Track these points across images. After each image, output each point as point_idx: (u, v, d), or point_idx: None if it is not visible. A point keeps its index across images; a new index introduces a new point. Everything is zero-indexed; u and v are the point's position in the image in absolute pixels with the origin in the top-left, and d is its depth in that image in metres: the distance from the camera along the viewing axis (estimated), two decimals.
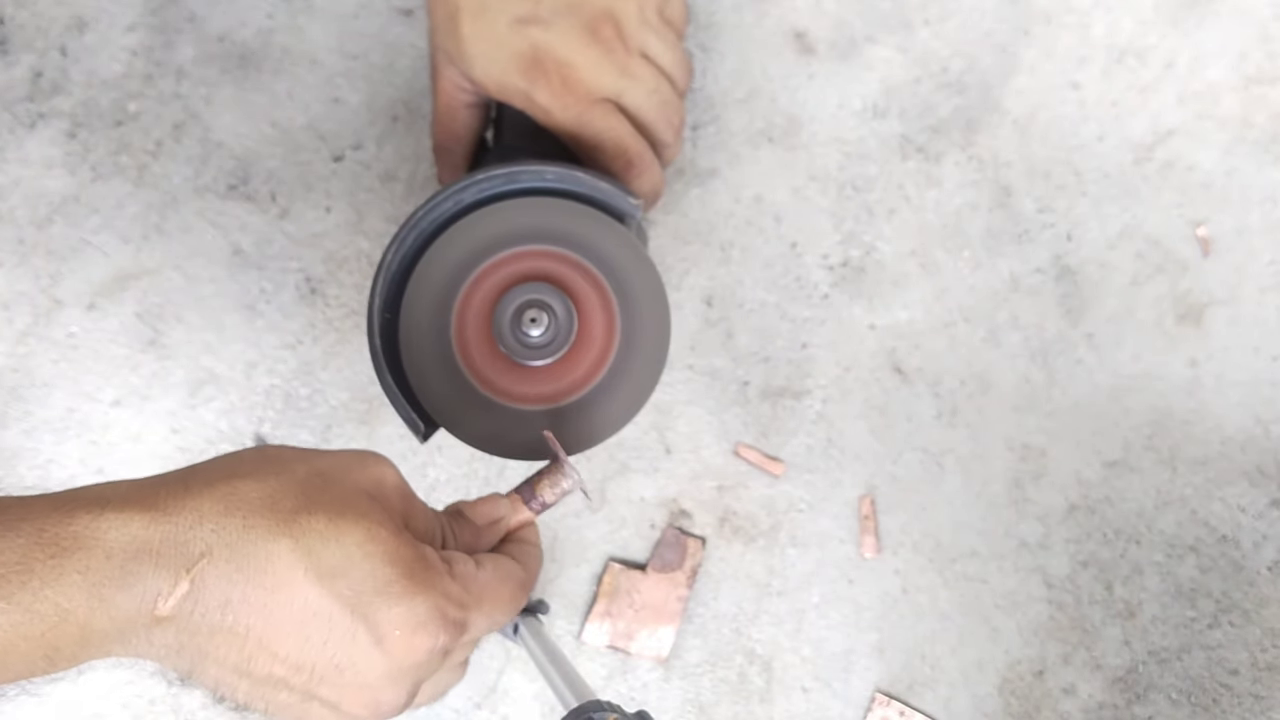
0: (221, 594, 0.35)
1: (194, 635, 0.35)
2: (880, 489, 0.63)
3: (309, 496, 0.37)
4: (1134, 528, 0.62)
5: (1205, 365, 0.63)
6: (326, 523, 0.36)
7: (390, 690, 0.38)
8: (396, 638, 0.37)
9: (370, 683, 0.37)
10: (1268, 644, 0.61)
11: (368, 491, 0.39)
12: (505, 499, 0.46)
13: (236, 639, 0.35)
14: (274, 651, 0.36)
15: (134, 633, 0.35)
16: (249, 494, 0.36)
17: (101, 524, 0.34)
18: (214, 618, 0.35)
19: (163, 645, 0.35)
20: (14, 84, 0.66)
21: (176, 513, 0.35)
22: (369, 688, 0.37)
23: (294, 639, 0.36)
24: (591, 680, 0.62)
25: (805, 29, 0.65)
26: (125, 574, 0.34)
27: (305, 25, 0.66)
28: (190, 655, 0.36)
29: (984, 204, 0.64)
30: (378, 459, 0.41)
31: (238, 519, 0.36)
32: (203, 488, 0.36)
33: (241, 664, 0.36)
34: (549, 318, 0.49)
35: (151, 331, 0.65)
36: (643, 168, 0.55)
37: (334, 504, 0.37)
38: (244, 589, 0.35)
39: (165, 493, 0.36)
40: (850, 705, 0.62)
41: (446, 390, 0.50)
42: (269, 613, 0.35)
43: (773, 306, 0.64)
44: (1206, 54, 0.65)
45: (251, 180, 0.65)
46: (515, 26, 0.53)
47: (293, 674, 0.36)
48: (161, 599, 0.34)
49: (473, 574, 0.40)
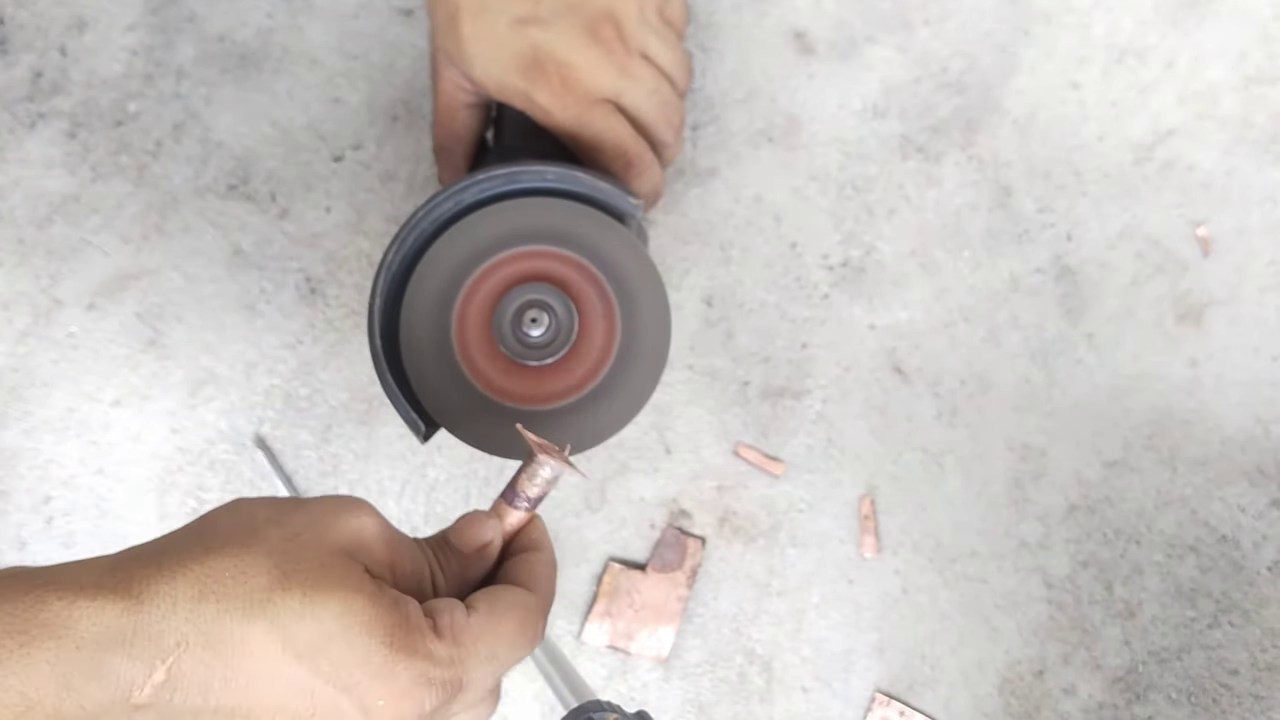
0: (200, 680, 0.34)
1: (178, 718, 0.34)
2: (880, 489, 0.63)
3: (283, 570, 0.36)
4: (1134, 528, 0.62)
5: (1205, 365, 0.63)
6: (301, 599, 0.35)
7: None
8: (381, 708, 0.36)
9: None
10: (1268, 644, 0.61)
11: (345, 549, 0.37)
12: (488, 515, 0.43)
13: (222, 718, 0.35)
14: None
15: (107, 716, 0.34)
16: (222, 573, 0.35)
17: (73, 612, 0.33)
18: (195, 701, 0.34)
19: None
20: (14, 84, 0.66)
21: (150, 600, 0.34)
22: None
23: (281, 715, 0.35)
24: (591, 680, 0.62)
25: (805, 29, 0.65)
26: (97, 664, 0.33)
27: (305, 25, 0.66)
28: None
29: (984, 204, 0.64)
30: (356, 506, 0.39)
31: (211, 604, 0.35)
32: (175, 568, 0.35)
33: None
34: (549, 318, 0.49)
35: (151, 331, 0.65)
36: (642, 168, 0.55)
37: (308, 576, 0.36)
38: (223, 674, 0.34)
39: (139, 576, 0.35)
40: (850, 705, 0.62)
41: (447, 390, 0.50)
42: (251, 692, 0.34)
43: (773, 306, 0.64)
44: (1206, 54, 0.65)
45: (251, 180, 0.65)
46: (515, 27, 0.53)
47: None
48: (136, 689, 0.33)
49: (463, 624, 0.38)
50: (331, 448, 0.64)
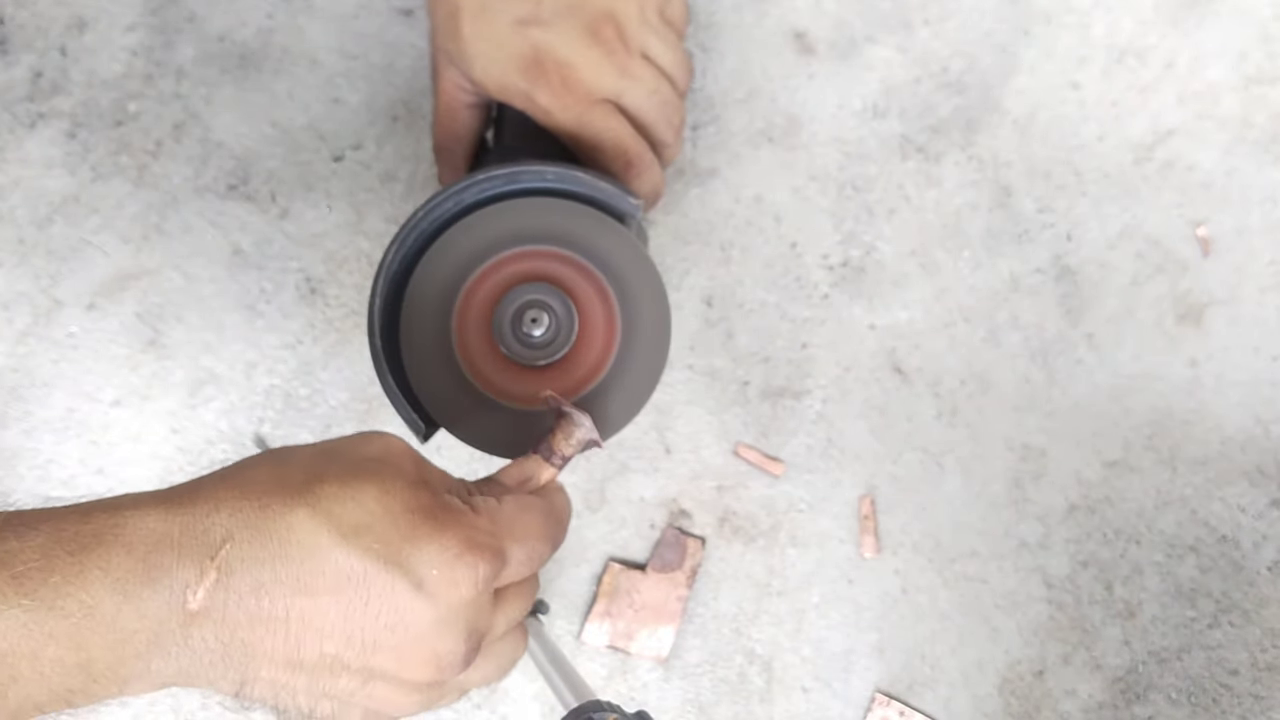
0: (252, 578, 0.34)
1: (234, 630, 0.34)
2: (880, 489, 0.63)
3: (318, 469, 0.37)
4: (1134, 528, 0.62)
5: (1205, 365, 0.63)
6: (339, 485, 0.36)
7: (446, 638, 0.37)
8: (435, 577, 0.36)
9: (423, 634, 0.36)
10: (1268, 644, 0.61)
11: (376, 457, 0.39)
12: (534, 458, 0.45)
13: (278, 624, 0.34)
14: (319, 627, 0.35)
15: (169, 635, 0.34)
16: (259, 477, 0.36)
17: (118, 519, 0.34)
18: (249, 605, 0.34)
19: (204, 650, 0.34)
20: (14, 84, 0.66)
21: (191, 504, 0.35)
22: (423, 641, 0.36)
23: (336, 608, 0.35)
24: (591, 680, 0.62)
25: (805, 29, 0.65)
26: (149, 567, 0.34)
27: (305, 25, 0.66)
28: (237, 657, 0.35)
29: (984, 204, 0.64)
30: (381, 433, 0.40)
31: (253, 500, 0.36)
32: (214, 481, 0.36)
33: (292, 653, 0.35)
34: (550, 318, 0.49)
35: (151, 331, 0.65)
36: (643, 168, 0.55)
37: (343, 470, 0.37)
38: (273, 567, 0.34)
39: (178, 490, 0.36)
40: (850, 705, 0.62)
41: (447, 390, 0.50)
42: (303, 586, 0.35)
43: (773, 306, 0.64)
44: (1206, 54, 0.65)
45: (251, 180, 0.65)
46: (516, 27, 0.53)
47: (345, 648, 0.35)
48: (190, 591, 0.34)
49: (495, 507, 0.39)
50: None
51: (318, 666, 0.35)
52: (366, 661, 0.36)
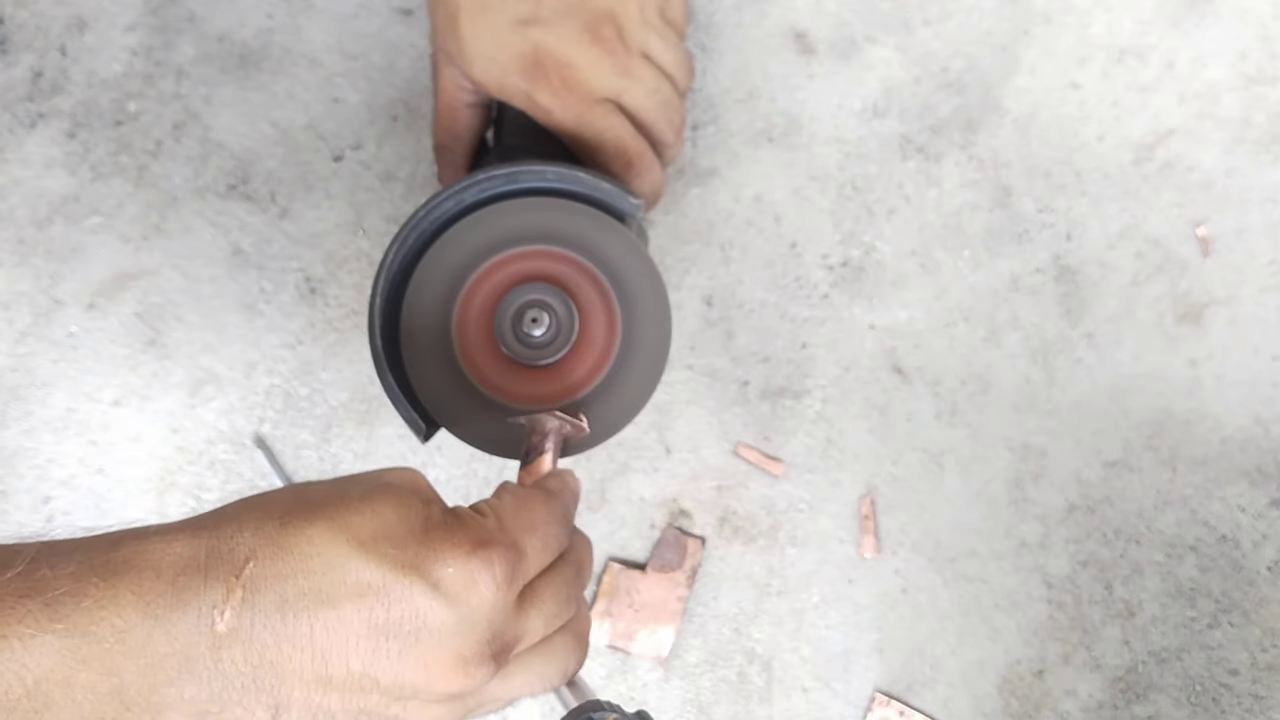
0: (276, 595, 0.35)
1: (263, 651, 0.34)
2: (880, 489, 0.63)
3: (338, 489, 0.38)
4: (1134, 528, 0.62)
5: (1205, 365, 0.63)
6: (358, 500, 0.37)
7: (470, 642, 0.37)
8: (451, 575, 0.36)
9: (446, 640, 0.36)
10: (1268, 644, 0.61)
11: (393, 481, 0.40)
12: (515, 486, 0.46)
13: (304, 640, 0.35)
14: (344, 639, 0.35)
15: (200, 659, 0.34)
16: (280, 498, 0.37)
17: (147, 546, 0.35)
18: (275, 623, 0.34)
19: (235, 673, 0.34)
20: (14, 84, 0.66)
21: (216, 527, 0.36)
22: (447, 645, 0.36)
23: (358, 617, 0.35)
24: (591, 680, 0.62)
25: (805, 29, 0.65)
26: (177, 590, 0.34)
27: (305, 25, 0.66)
28: (268, 679, 0.35)
29: (984, 204, 0.64)
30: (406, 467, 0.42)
31: (274, 519, 0.36)
32: (237, 506, 0.37)
33: (320, 670, 0.35)
34: (550, 318, 0.49)
35: (151, 331, 0.65)
36: (643, 167, 0.55)
37: (362, 489, 0.38)
38: (296, 582, 0.35)
39: (203, 517, 0.37)
40: (850, 705, 0.62)
41: (447, 390, 0.50)
42: (325, 598, 0.35)
43: (773, 306, 0.64)
44: (1206, 54, 0.65)
45: (251, 180, 0.65)
46: (516, 27, 0.53)
47: (371, 660, 0.35)
48: (218, 611, 0.34)
49: (498, 505, 0.40)
50: (331, 448, 0.64)
51: (348, 684, 0.36)
52: (395, 675, 0.36)
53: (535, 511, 0.41)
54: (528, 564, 0.39)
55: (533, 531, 0.40)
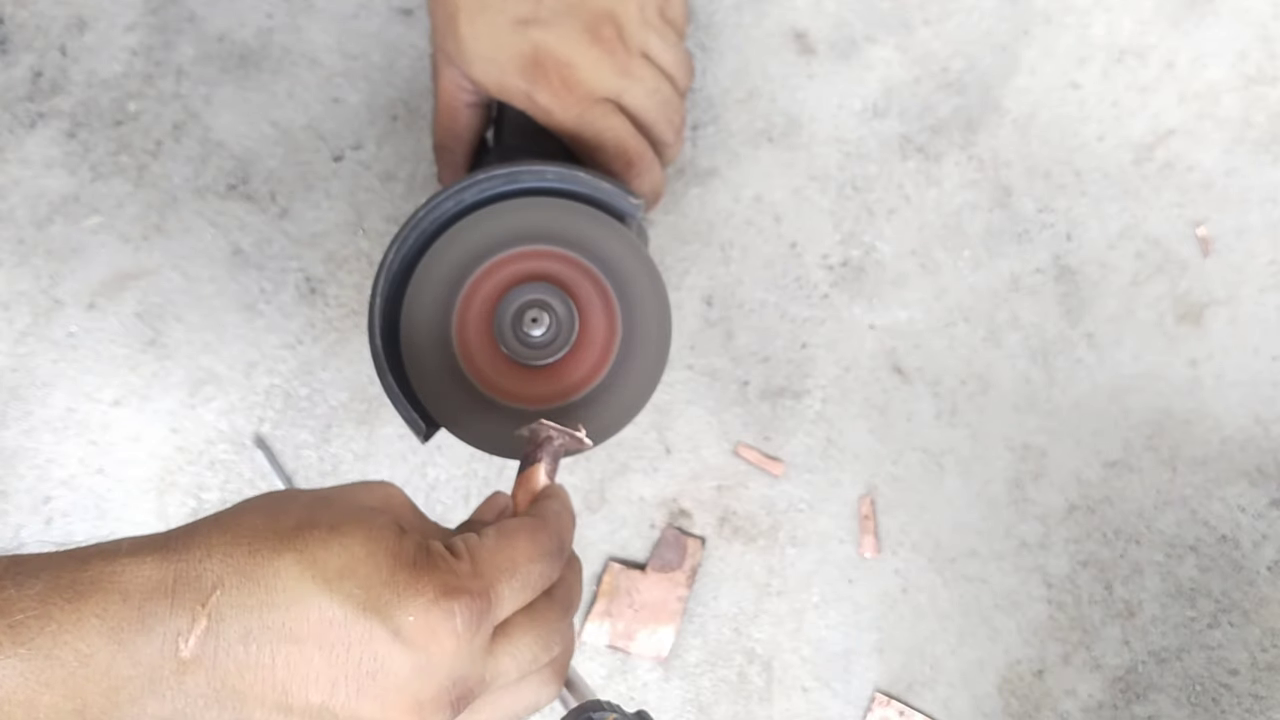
0: (240, 625, 0.35)
1: (225, 677, 0.35)
2: (880, 489, 0.63)
3: (310, 513, 0.37)
4: (1134, 528, 0.62)
5: (1205, 365, 0.63)
6: (327, 531, 0.37)
7: (428, 686, 0.36)
8: (412, 624, 0.36)
9: (404, 683, 0.36)
10: (1268, 644, 0.61)
11: (370, 506, 0.39)
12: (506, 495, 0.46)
13: (266, 671, 0.35)
14: (305, 674, 0.35)
15: (163, 682, 0.34)
16: (252, 522, 0.37)
17: (116, 568, 0.35)
18: (238, 653, 0.35)
19: (198, 695, 0.35)
20: (14, 84, 0.66)
21: (186, 550, 0.36)
22: (405, 690, 0.36)
23: (319, 653, 0.35)
24: (591, 680, 0.62)
25: (805, 29, 0.65)
26: (143, 615, 0.34)
27: (305, 25, 0.66)
28: (230, 703, 0.35)
29: (984, 204, 0.64)
30: (384, 483, 0.41)
31: (243, 546, 0.36)
32: (209, 526, 0.37)
33: (280, 699, 0.35)
34: (550, 318, 0.49)
35: (151, 331, 0.65)
36: (643, 167, 0.55)
37: (334, 517, 0.37)
38: (260, 615, 0.35)
39: (174, 536, 0.37)
40: (850, 705, 0.62)
41: (447, 390, 0.50)
42: (288, 633, 0.35)
43: (773, 306, 0.64)
44: (1206, 54, 0.65)
45: (251, 180, 0.65)
46: (515, 27, 0.53)
47: (330, 695, 0.36)
48: (182, 639, 0.34)
49: (476, 544, 0.39)
50: (331, 448, 0.64)
51: (306, 713, 0.36)
52: (353, 711, 0.36)
53: (518, 549, 0.40)
54: (499, 610, 0.38)
55: (512, 573, 0.39)
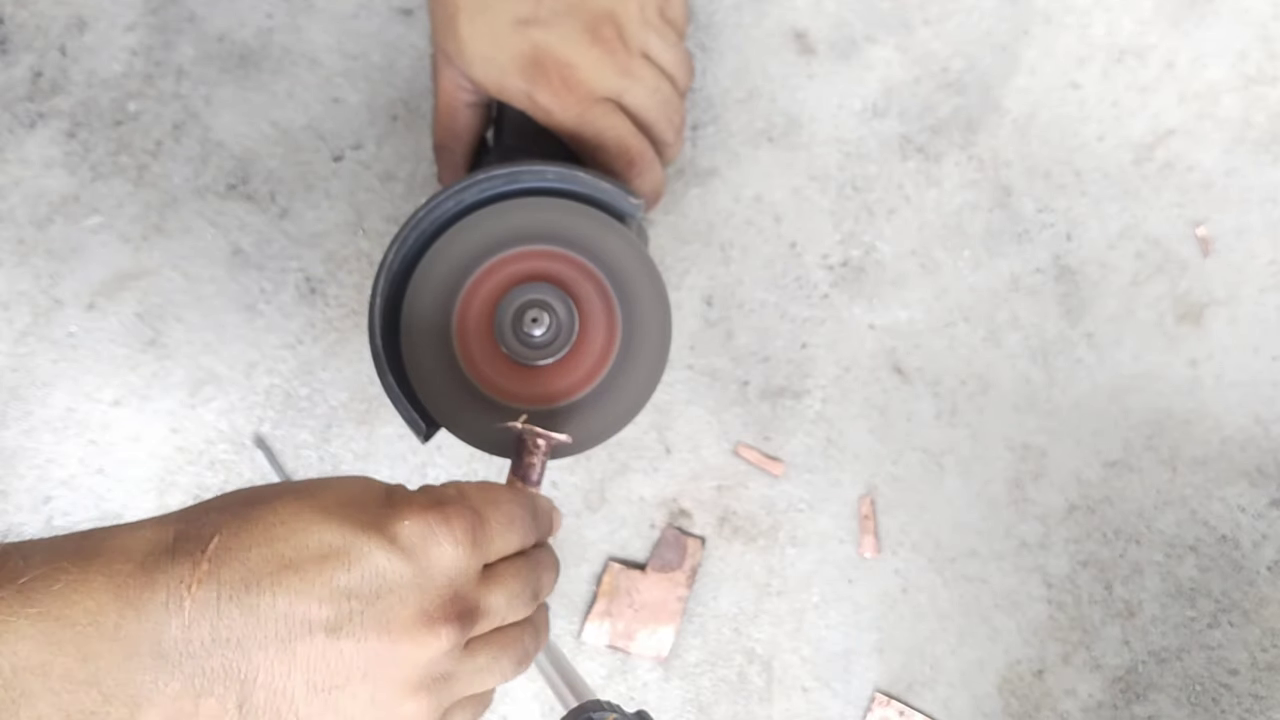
0: (241, 567, 0.35)
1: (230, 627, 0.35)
2: (880, 489, 0.63)
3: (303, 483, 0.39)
4: (1134, 528, 0.62)
5: (1205, 365, 0.63)
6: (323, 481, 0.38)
7: (431, 598, 0.37)
8: (408, 530, 0.37)
9: (406, 594, 0.37)
10: (1268, 644, 0.61)
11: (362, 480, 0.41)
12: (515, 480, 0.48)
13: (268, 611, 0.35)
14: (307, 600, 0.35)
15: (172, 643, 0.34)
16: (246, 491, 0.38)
17: (116, 533, 0.36)
18: (240, 597, 0.35)
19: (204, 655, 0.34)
20: (14, 84, 0.66)
21: (184, 514, 0.37)
22: (407, 602, 0.37)
23: (319, 581, 0.36)
24: (591, 680, 0.62)
25: (805, 29, 0.65)
26: (146, 570, 0.34)
27: (305, 25, 0.66)
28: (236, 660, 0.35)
29: (984, 204, 0.64)
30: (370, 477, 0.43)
31: (241, 498, 0.37)
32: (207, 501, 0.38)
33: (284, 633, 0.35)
34: (550, 318, 0.49)
35: (151, 331, 0.65)
36: (644, 167, 0.55)
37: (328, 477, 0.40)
38: (259, 551, 0.35)
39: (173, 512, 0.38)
40: (850, 705, 0.62)
41: (447, 390, 0.50)
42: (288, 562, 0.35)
43: (773, 306, 0.64)
44: (1206, 54, 0.65)
45: (251, 180, 0.65)
46: (516, 27, 0.53)
47: (335, 615, 0.36)
48: (185, 587, 0.34)
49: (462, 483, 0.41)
50: (331, 448, 0.64)
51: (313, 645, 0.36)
52: (361, 630, 0.36)
53: (500, 492, 0.42)
54: (488, 531, 0.40)
55: (495, 506, 0.41)
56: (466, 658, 0.39)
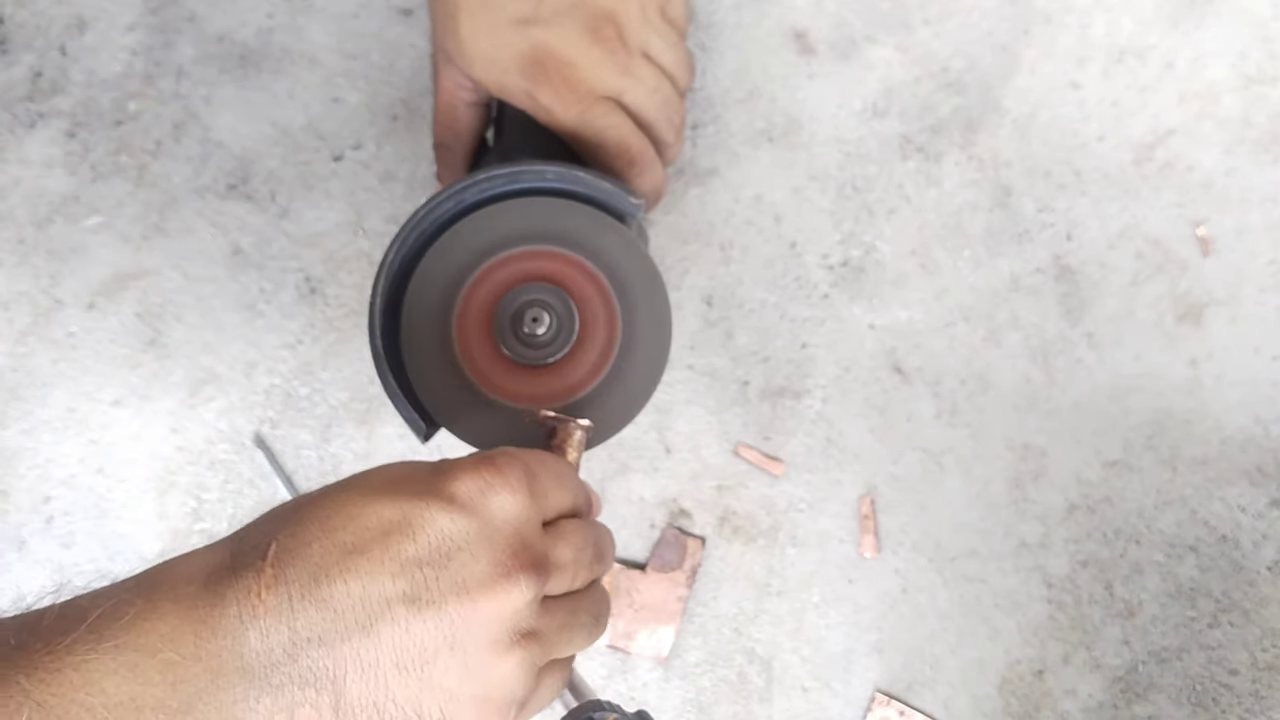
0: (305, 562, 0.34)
1: (309, 626, 0.34)
2: (880, 489, 0.63)
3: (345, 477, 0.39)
4: (1134, 528, 0.62)
5: (1205, 365, 0.63)
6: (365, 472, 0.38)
7: (500, 548, 0.36)
8: (464, 487, 0.37)
9: (477, 550, 0.36)
10: (1268, 644, 0.61)
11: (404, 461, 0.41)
12: None
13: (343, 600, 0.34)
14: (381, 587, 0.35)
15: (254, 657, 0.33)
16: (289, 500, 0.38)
17: (172, 564, 0.35)
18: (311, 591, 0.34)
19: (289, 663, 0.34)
20: (14, 84, 0.66)
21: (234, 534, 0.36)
22: (479, 557, 0.36)
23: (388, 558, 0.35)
24: (591, 680, 0.62)
25: (805, 29, 0.65)
26: (211, 589, 0.34)
27: (305, 25, 0.66)
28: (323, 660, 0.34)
29: (984, 204, 0.64)
30: None
31: (288, 505, 0.37)
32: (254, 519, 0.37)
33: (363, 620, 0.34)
34: (550, 318, 0.49)
35: (151, 331, 0.65)
36: (644, 166, 0.55)
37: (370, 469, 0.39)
38: (321, 544, 0.35)
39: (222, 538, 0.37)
40: (850, 705, 0.62)
41: (448, 390, 0.50)
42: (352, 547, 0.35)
43: (773, 306, 0.64)
44: (1206, 54, 0.65)
45: (251, 180, 0.65)
46: (516, 26, 0.53)
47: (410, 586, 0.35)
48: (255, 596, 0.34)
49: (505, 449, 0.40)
50: (331, 447, 0.64)
51: (393, 623, 0.35)
52: (439, 596, 0.35)
53: (543, 454, 0.42)
54: (541, 482, 0.39)
55: (542, 463, 0.40)
56: (546, 614, 0.38)
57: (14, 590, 0.64)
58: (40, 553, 0.63)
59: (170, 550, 0.64)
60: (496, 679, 0.36)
